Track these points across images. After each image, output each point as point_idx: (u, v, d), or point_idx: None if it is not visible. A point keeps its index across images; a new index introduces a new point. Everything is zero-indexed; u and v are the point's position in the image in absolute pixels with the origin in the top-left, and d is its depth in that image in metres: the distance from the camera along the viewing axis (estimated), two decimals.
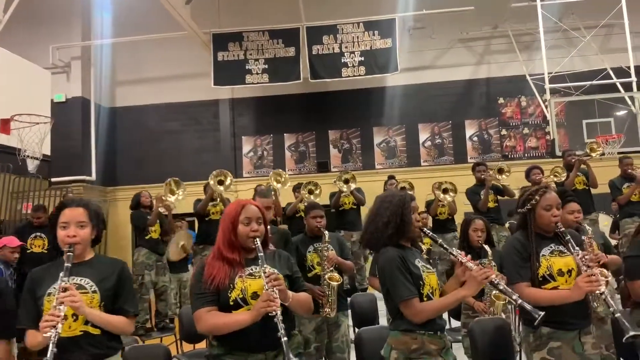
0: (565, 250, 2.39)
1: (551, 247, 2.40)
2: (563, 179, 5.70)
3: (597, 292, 2.17)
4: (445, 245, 2.31)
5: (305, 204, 5.20)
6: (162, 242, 6.21)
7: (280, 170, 6.18)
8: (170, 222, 6.15)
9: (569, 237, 2.38)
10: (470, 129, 11.30)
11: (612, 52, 9.89)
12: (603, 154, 6.43)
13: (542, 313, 2.04)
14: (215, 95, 11.46)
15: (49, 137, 5.91)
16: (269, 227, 3.28)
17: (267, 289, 2.04)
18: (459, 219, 5.81)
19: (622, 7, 8.84)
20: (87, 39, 10.83)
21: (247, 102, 11.73)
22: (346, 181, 6.04)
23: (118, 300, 2.27)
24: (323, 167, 11.48)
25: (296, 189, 6.91)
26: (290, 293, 2.16)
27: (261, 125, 11.76)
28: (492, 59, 11.28)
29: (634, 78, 8.66)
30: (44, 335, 1.94)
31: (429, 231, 2.37)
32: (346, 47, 10.31)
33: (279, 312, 1.99)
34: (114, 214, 11.28)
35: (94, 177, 10.81)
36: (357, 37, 10.32)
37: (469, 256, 2.23)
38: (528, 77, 10.13)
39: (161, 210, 6.06)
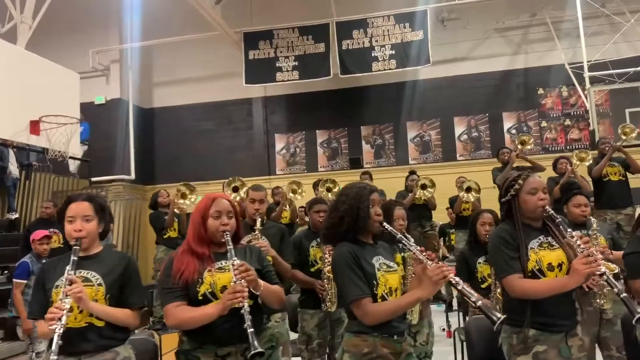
0: (555, 243, 2.17)
1: (540, 239, 2.18)
2: (589, 163, 5.29)
3: (597, 272, 1.95)
4: (404, 241, 2.18)
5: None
6: (181, 240, 6.28)
7: (299, 181, 6.01)
8: (183, 223, 6.16)
9: (560, 219, 2.15)
10: (508, 122, 10.91)
11: None
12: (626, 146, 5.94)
13: (502, 317, 1.85)
14: (248, 94, 11.57)
15: (78, 137, 6.09)
16: (265, 222, 3.29)
17: (234, 282, 2.01)
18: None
19: None
20: (124, 43, 11.16)
21: (279, 99, 11.79)
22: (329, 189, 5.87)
23: (124, 293, 2.29)
24: (355, 163, 11.38)
25: (315, 186, 6.84)
26: (261, 282, 2.12)
27: (293, 123, 11.78)
28: (530, 48, 10.83)
29: None
30: (50, 327, 1.99)
31: (388, 226, 2.22)
32: (376, 41, 10.17)
33: (246, 304, 1.96)
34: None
35: (132, 176, 11.14)
36: (388, 30, 10.15)
37: (433, 254, 2.08)
38: (567, 66, 9.66)
39: (177, 211, 6.09)
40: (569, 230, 2.12)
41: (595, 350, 3.21)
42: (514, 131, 10.83)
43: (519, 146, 5.69)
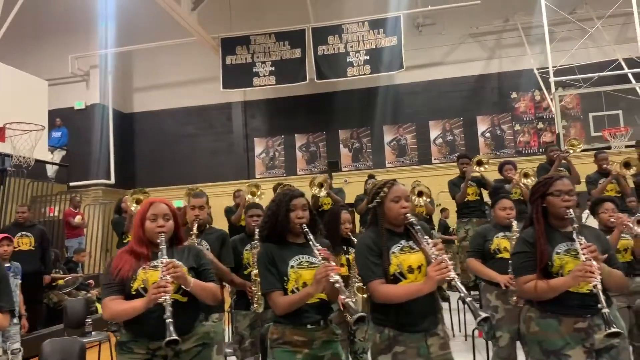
0: (415, 246, 2.30)
1: (401, 243, 2.30)
2: (532, 180, 5.52)
3: (448, 278, 2.08)
4: (312, 242, 2.34)
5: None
6: None
7: (258, 183, 6.15)
8: None
9: (418, 226, 2.27)
10: (482, 125, 11.10)
11: (625, 43, 9.47)
12: (584, 150, 6.17)
13: (362, 314, 2.03)
14: (228, 98, 11.72)
15: (45, 143, 6.20)
16: (207, 227, 3.43)
17: (161, 277, 2.20)
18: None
19: None
20: (103, 48, 11.28)
21: (258, 104, 11.94)
22: (320, 185, 6.01)
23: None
24: (334, 166, 11.53)
25: (275, 190, 6.90)
26: (191, 279, 2.31)
27: (272, 127, 11.93)
28: (504, 53, 11.04)
29: None
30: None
31: (306, 229, 2.40)
32: (351, 47, 10.35)
33: (167, 297, 2.15)
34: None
35: (112, 180, 11.25)
36: (362, 36, 10.33)
37: (329, 252, 2.26)
38: (535, 71, 9.85)
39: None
40: (425, 237, 2.25)
41: (517, 346, 3.35)
42: (488, 134, 11.02)
43: (475, 166, 5.89)
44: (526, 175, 5.58)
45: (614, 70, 9.17)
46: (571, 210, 2.32)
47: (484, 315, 2.00)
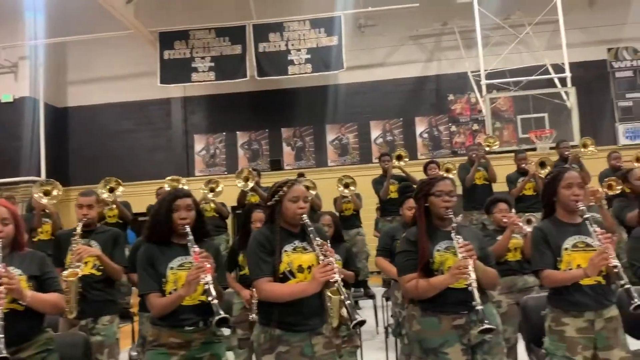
0: (309, 247, 2.35)
1: (295, 243, 2.35)
2: (453, 175, 5.72)
3: (332, 280, 2.16)
4: (189, 243, 2.36)
5: None
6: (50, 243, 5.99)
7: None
8: (55, 223, 5.81)
9: (312, 228, 2.33)
10: (420, 126, 11.33)
11: (553, 49, 9.88)
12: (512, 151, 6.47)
13: (224, 316, 2.12)
14: (167, 93, 11.45)
15: None
16: (98, 225, 3.33)
17: None
18: None
19: (556, 4, 8.86)
20: (33, 39, 10.77)
21: (199, 100, 11.73)
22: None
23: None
24: (276, 165, 11.49)
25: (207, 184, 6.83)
26: (28, 293, 2.21)
27: (213, 124, 11.75)
28: (442, 55, 11.30)
29: (568, 74, 8.69)
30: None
31: (188, 230, 2.38)
32: (292, 45, 10.32)
33: None
34: (66, 214, 11.24)
35: (43, 177, 10.76)
36: (304, 35, 10.33)
37: (204, 254, 2.27)
38: (469, 74, 10.14)
39: (47, 210, 5.77)
40: (317, 239, 2.30)
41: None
42: (425, 135, 11.26)
43: (395, 161, 6.03)
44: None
45: (542, 75, 9.56)
46: (450, 210, 2.40)
47: (359, 319, 2.10)
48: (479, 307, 2.19)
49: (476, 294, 2.21)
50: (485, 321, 2.16)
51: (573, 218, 2.55)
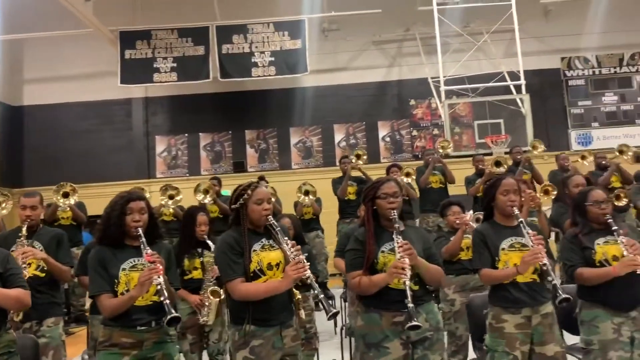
0: (275, 245, 2.47)
1: (262, 241, 2.47)
2: (411, 180, 5.90)
3: (303, 277, 2.31)
4: (142, 245, 2.40)
5: None
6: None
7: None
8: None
9: (278, 228, 2.45)
10: (382, 130, 11.51)
11: (510, 57, 10.23)
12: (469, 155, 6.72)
13: (176, 315, 2.23)
14: (128, 94, 11.28)
15: None
16: (40, 227, 3.31)
17: None
18: None
19: (512, 14, 9.20)
20: None
21: (161, 101, 11.59)
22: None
23: None
24: (239, 167, 11.45)
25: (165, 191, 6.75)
26: None
27: (175, 125, 11.63)
28: (404, 61, 11.52)
29: (522, 81, 9.02)
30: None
31: (141, 232, 2.41)
32: (256, 47, 10.33)
33: None
34: (16, 215, 10.92)
35: None
36: (267, 37, 10.35)
37: (155, 255, 2.31)
38: (430, 80, 10.38)
39: None
40: (285, 238, 2.44)
41: None
42: (388, 139, 11.45)
43: (354, 159, 6.15)
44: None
45: (499, 82, 9.88)
46: (395, 211, 2.50)
47: (334, 310, 2.28)
48: (410, 305, 2.31)
49: (409, 292, 2.33)
50: (414, 319, 2.27)
51: (510, 221, 2.75)
